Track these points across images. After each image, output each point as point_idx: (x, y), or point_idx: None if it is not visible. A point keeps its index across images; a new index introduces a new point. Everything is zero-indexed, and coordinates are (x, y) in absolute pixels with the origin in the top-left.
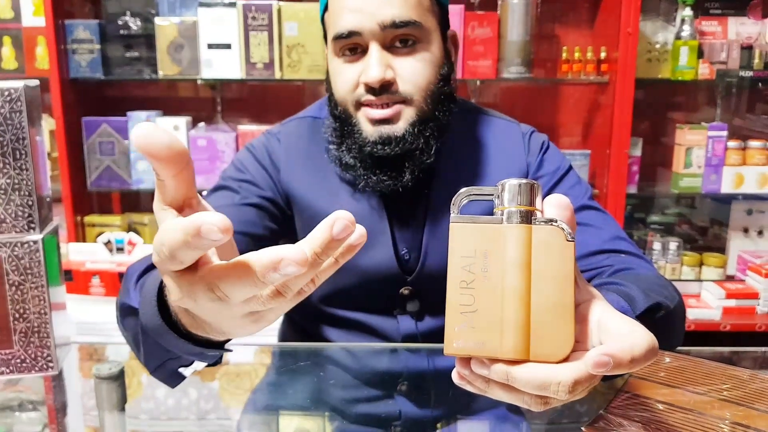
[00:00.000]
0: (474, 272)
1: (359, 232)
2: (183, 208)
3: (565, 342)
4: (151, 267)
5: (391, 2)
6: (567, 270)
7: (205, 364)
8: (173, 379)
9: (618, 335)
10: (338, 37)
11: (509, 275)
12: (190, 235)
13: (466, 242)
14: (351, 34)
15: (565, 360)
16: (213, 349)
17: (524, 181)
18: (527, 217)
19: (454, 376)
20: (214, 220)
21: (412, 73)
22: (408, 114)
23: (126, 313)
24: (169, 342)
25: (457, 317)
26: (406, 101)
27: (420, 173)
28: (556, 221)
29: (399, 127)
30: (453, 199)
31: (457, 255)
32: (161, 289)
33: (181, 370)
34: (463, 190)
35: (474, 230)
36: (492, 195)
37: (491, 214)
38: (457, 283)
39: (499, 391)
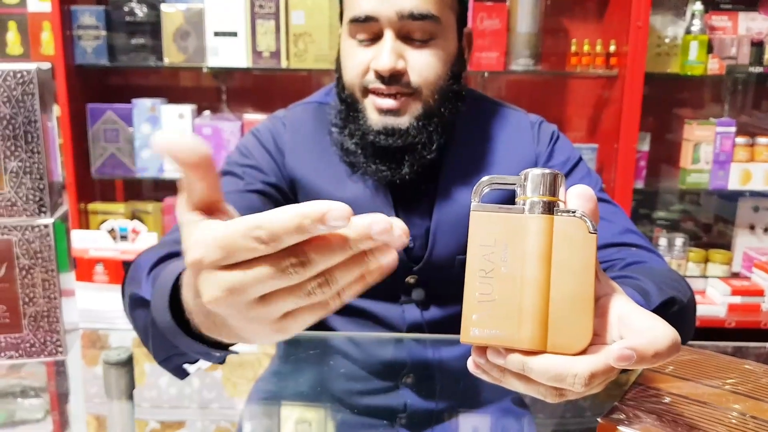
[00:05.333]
0: (494, 261)
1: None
2: (211, 212)
3: (584, 334)
4: (164, 259)
5: None
6: (588, 262)
7: (210, 363)
8: (178, 373)
9: (640, 330)
10: (354, 20)
11: (529, 266)
12: (310, 218)
13: (487, 231)
14: (368, 18)
15: (583, 353)
16: (220, 350)
17: (547, 171)
18: (549, 208)
19: (470, 365)
20: (341, 206)
21: (424, 66)
22: (414, 107)
23: (136, 304)
24: (177, 340)
25: (474, 306)
26: (413, 94)
27: (419, 167)
28: (578, 213)
29: (404, 120)
30: (474, 187)
31: (476, 244)
32: (175, 287)
33: (185, 366)
34: (485, 178)
35: (495, 219)
36: (514, 184)
37: (510, 202)
38: (476, 272)
39: (515, 381)
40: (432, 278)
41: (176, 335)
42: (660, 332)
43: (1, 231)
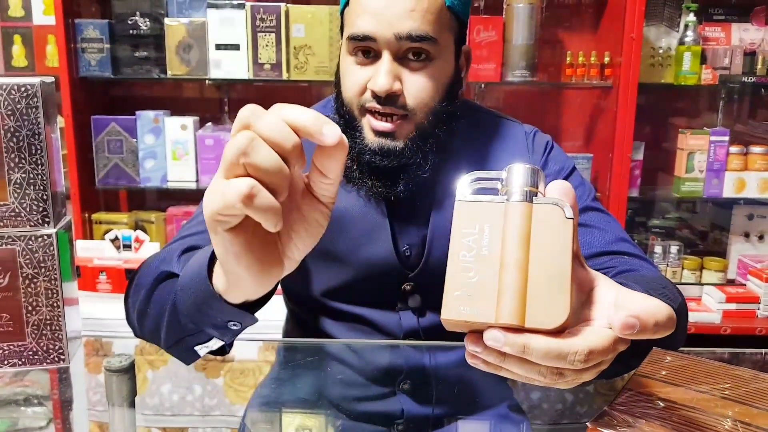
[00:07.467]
0: (475, 246)
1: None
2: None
3: (561, 310)
4: (191, 249)
5: (411, 15)
6: (565, 244)
7: (220, 344)
8: (188, 356)
9: (640, 304)
10: (353, 38)
11: (508, 248)
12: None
13: (469, 219)
14: (366, 38)
15: (563, 331)
16: (245, 315)
17: (529, 165)
18: (529, 197)
19: (467, 357)
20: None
21: (419, 89)
22: (408, 129)
23: (161, 280)
24: (209, 305)
25: (455, 286)
26: (407, 116)
27: (414, 185)
28: (555, 200)
29: (399, 143)
30: (459, 180)
31: (459, 231)
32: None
33: (196, 348)
34: (470, 173)
35: (477, 208)
36: (498, 179)
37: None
38: (458, 257)
39: (515, 365)
40: (428, 285)
41: (209, 300)
42: (657, 304)
43: (4, 241)
